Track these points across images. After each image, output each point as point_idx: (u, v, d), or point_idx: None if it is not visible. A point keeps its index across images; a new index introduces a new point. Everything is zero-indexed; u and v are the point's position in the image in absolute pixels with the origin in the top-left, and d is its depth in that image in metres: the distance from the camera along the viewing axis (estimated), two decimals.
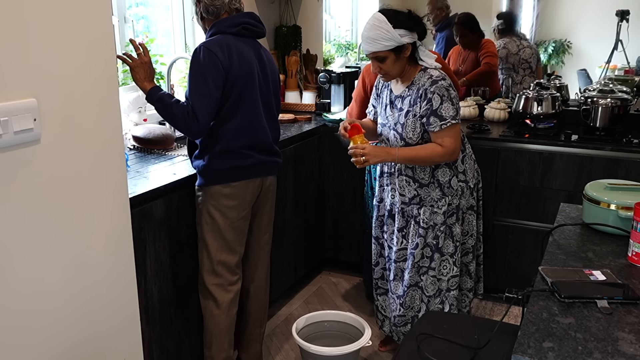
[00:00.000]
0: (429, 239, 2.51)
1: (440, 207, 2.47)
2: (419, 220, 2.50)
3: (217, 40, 2.21)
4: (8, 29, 1.26)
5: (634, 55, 3.46)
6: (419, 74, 2.39)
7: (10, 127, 1.28)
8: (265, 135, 2.35)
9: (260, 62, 2.34)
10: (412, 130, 2.40)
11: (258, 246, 2.52)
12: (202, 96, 2.14)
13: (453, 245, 2.52)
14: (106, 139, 1.52)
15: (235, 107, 2.23)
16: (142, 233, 2.15)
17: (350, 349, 2.47)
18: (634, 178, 2.78)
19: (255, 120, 2.30)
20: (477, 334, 1.66)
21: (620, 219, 1.74)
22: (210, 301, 2.37)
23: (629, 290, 1.42)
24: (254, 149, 2.32)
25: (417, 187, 2.48)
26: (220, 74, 2.17)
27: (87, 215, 1.50)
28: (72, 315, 1.50)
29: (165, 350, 2.35)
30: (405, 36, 2.30)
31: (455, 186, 2.47)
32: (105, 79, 1.50)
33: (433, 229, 2.49)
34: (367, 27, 2.32)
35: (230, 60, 2.19)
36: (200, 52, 2.17)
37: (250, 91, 2.26)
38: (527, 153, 3.02)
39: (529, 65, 3.75)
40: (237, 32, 2.26)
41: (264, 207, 2.48)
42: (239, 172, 2.29)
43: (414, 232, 2.52)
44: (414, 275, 2.55)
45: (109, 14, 1.50)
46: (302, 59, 4.02)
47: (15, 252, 1.35)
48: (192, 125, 2.14)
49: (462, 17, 3.74)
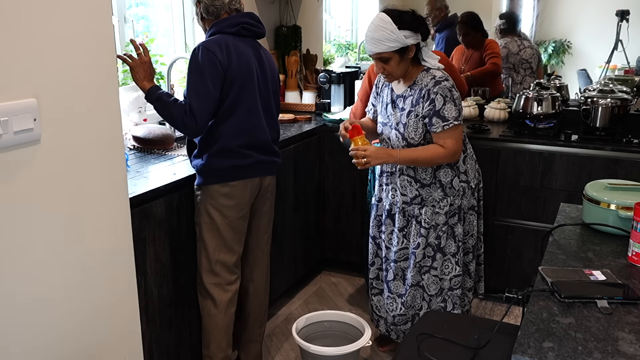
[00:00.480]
0: (430, 239, 2.51)
1: (442, 208, 2.47)
2: (421, 220, 2.50)
3: (216, 39, 2.21)
4: (8, 29, 1.26)
5: (634, 55, 3.46)
6: (422, 74, 2.39)
7: (10, 127, 1.28)
8: (264, 135, 2.35)
9: (260, 62, 2.34)
10: (414, 130, 2.40)
11: (257, 246, 2.52)
12: (200, 95, 2.15)
13: (455, 245, 2.52)
14: (106, 139, 1.52)
15: (234, 107, 2.24)
16: (142, 233, 2.15)
17: (350, 349, 2.47)
18: (634, 178, 2.78)
19: (254, 120, 2.30)
20: (477, 334, 1.66)
21: (620, 219, 1.74)
22: (208, 300, 2.37)
23: (629, 290, 1.42)
24: (252, 148, 2.32)
25: (418, 187, 2.48)
26: (219, 73, 2.17)
27: (87, 215, 1.50)
28: (72, 315, 1.50)
29: (165, 350, 2.35)
30: (410, 37, 2.29)
31: (457, 187, 2.47)
32: (105, 79, 1.50)
33: (435, 229, 2.49)
34: (372, 28, 2.31)
35: (228, 60, 2.19)
36: (199, 51, 2.18)
37: (249, 91, 2.27)
38: (527, 153, 3.02)
39: (529, 66, 3.75)
40: (236, 31, 2.27)
41: (263, 207, 2.48)
42: (237, 172, 2.29)
43: (415, 232, 2.52)
44: (415, 274, 2.55)
45: (109, 14, 1.50)
46: (302, 59, 4.02)
47: (15, 252, 1.35)
48: (189, 124, 2.15)
49: (466, 15, 3.74)
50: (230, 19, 2.27)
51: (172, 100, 2.18)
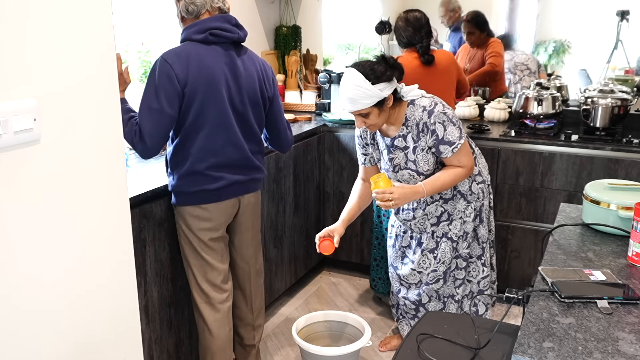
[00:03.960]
0: (461, 250, 2.49)
1: (469, 215, 2.45)
2: (451, 235, 2.47)
3: (178, 49, 2.05)
4: (8, 29, 1.26)
5: (634, 55, 3.46)
6: (410, 109, 2.34)
7: (10, 127, 1.28)
8: (239, 152, 2.17)
9: (233, 71, 2.13)
10: (425, 163, 2.37)
11: (243, 261, 2.39)
12: (152, 114, 2.00)
13: (480, 247, 2.51)
14: (106, 138, 1.52)
15: (199, 125, 2.07)
16: (142, 233, 2.15)
17: (350, 349, 2.47)
18: (634, 178, 2.78)
19: (224, 137, 2.12)
20: (477, 334, 1.66)
21: (620, 219, 1.74)
22: (200, 320, 2.30)
23: (629, 290, 1.42)
24: (224, 168, 2.15)
25: (442, 203, 2.45)
26: (175, 89, 2.00)
27: (87, 215, 1.50)
28: (71, 315, 1.50)
29: (165, 350, 2.35)
30: (386, 89, 2.22)
31: (476, 190, 2.46)
32: (105, 79, 1.50)
33: (465, 239, 2.48)
34: (345, 88, 2.23)
35: (187, 73, 2.01)
36: (157, 63, 2.02)
37: (214, 106, 2.08)
38: (527, 153, 3.02)
39: (526, 67, 3.76)
40: (203, 39, 2.07)
41: (244, 224, 2.32)
42: (208, 195, 2.15)
43: (446, 249, 2.48)
44: (450, 286, 2.54)
45: (109, 14, 1.50)
46: (302, 59, 4.02)
47: (15, 252, 1.35)
48: (138, 145, 2.00)
49: (471, 14, 3.75)
50: (198, 24, 2.08)
51: (127, 117, 2.00)
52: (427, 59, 2.95)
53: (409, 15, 2.99)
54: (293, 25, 3.95)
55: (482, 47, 3.74)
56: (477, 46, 3.76)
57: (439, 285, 2.53)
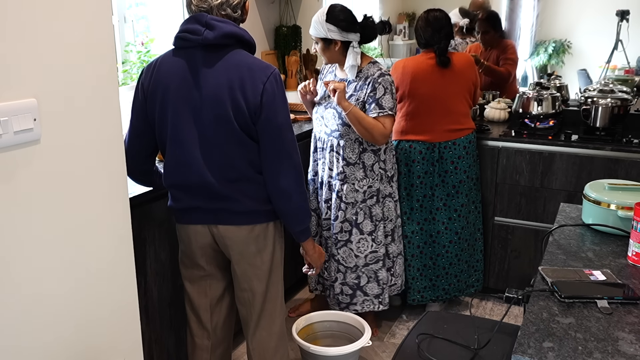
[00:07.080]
0: (348, 215, 2.73)
1: (362, 187, 2.70)
2: (341, 195, 2.71)
3: (158, 56, 1.93)
4: (7, 28, 1.26)
5: (634, 55, 3.46)
6: (368, 65, 2.63)
7: (10, 127, 1.28)
8: (199, 175, 1.86)
9: (196, 80, 1.82)
10: None
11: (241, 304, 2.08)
12: (129, 125, 1.94)
13: (372, 224, 2.74)
14: (106, 138, 1.52)
15: (162, 138, 1.91)
16: (142, 233, 2.15)
17: (350, 349, 2.47)
18: (634, 178, 2.78)
19: (178, 155, 1.87)
20: (477, 334, 1.66)
21: (620, 219, 1.74)
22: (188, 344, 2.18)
23: (629, 290, 1.42)
24: (183, 189, 1.92)
25: (344, 164, 2.69)
26: (139, 99, 1.91)
27: (87, 215, 1.50)
28: (71, 316, 1.50)
29: (165, 350, 2.35)
30: (334, 32, 2.52)
31: (377, 171, 2.71)
32: (106, 78, 1.50)
33: (353, 206, 2.71)
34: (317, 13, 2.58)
35: (149, 83, 1.87)
36: None
37: (170, 118, 1.85)
38: (527, 153, 3.02)
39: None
40: (173, 43, 1.90)
41: (233, 257, 2.00)
42: (175, 213, 2.02)
43: (335, 205, 2.74)
44: (331, 246, 2.79)
45: (109, 14, 1.50)
46: (302, 59, 4.02)
47: (15, 252, 1.35)
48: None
49: (487, 13, 3.74)
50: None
51: None
52: (442, 61, 2.88)
53: (430, 15, 2.92)
54: (293, 26, 3.95)
55: (495, 48, 3.72)
56: (490, 46, 3.73)
57: (327, 234, 2.82)
